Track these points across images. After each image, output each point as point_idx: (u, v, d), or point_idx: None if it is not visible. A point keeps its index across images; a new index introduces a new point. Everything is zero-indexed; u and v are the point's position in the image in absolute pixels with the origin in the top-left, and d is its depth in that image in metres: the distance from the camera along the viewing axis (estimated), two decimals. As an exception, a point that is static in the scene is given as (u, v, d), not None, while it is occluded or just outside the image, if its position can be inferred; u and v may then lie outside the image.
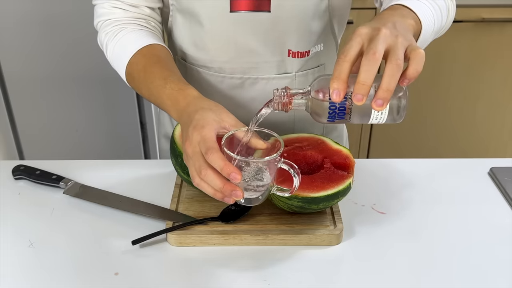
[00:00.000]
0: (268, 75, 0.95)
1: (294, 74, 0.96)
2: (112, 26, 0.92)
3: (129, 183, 0.93)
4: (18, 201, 0.89)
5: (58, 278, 0.73)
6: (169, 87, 0.80)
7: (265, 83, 0.96)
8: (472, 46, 1.93)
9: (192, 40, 0.94)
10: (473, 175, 0.95)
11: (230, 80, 0.96)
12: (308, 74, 0.98)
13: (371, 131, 2.11)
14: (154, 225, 0.82)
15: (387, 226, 0.83)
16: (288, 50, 0.93)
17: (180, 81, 0.82)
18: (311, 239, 0.78)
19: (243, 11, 0.88)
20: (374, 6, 1.82)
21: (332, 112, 0.68)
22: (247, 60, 0.93)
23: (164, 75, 0.83)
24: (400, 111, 0.68)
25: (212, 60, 0.95)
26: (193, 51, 0.95)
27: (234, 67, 0.94)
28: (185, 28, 0.94)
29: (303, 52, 0.94)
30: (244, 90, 0.97)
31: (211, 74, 0.96)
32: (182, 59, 0.99)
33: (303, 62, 0.96)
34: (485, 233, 0.81)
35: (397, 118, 0.69)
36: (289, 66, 0.95)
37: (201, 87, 0.97)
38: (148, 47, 0.89)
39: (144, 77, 0.85)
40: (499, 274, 0.74)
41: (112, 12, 0.92)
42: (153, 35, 0.92)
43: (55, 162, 0.99)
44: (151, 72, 0.84)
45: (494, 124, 2.10)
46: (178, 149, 0.83)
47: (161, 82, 0.81)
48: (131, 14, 0.92)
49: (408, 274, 0.74)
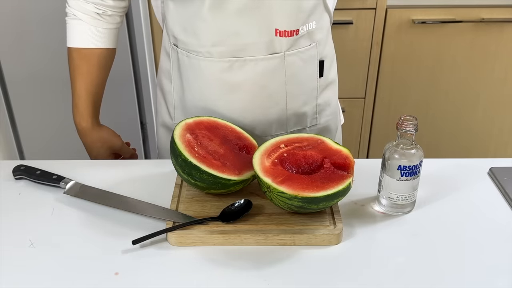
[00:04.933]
0: (256, 56, 0.94)
1: (283, 54, 0.95)
2: (75, 2, 1.00)
3: (129, 183, 0.93)
4: (18, 201, 0.89)
5: (58, 278, 0.73)
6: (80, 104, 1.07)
7: (254, 65, 0.95)
8: (472, 46, 1.93)
9: (182, 25, 0.96)
10: (473, 175, 0.95)
11: (218, 64, 0.96)
12: (299, 53, 0.97)
13: (371, 131, 2.11)
14: (154, 225, 0.82)
15: (387, 226, 0.83)
16: (275, 29, 0.92)
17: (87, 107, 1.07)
18: (311, 239, 0.78)
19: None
20: (374, 6, 1.82)
21: None
22: (234, 42, 0.93)
23: (81, 92, 1.07)
24: None
25: (201, 44, 0.95)
26: (183, 36, 0.97)
27: (222, 50, 0.94)
28: (176, 13, 0.96)
29: (291, 31, 0.93)
30: (233, 73, 0.96)
31: (201, 58, 0.96)
32: (174, 45, 1.00)
33: (292, 41, 0.95)
34: (485, 233, 0.81)
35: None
36: (277, 46, 0.94)
37: (192, 72, 0.99)
38: (85, 51, 1.03)
39: (72, 73, 1.07)
40: (499, 274, 0.74)
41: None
42: (99, 34, 1.02)
43: (55, 162, 0.99)
44: (74, 79, 1.07)
45: (494, 124, 2.10)
46: (178, 149, 0.83)
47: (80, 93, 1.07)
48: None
49: (408, 274, 0.74)
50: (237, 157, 0.87)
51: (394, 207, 0.84)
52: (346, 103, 2.01)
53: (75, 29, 1.02)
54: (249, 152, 0.90)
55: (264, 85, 0.97)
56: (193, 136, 0.87)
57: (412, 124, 0.79)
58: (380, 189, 0.85)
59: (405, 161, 0.80)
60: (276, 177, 0.78)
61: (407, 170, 0.80)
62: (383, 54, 1.93)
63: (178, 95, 1.05)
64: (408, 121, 0.79)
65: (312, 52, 0.99)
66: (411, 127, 0.79)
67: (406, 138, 0.80)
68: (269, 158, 0.82)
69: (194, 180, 0.83)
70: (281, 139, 0.87)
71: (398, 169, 0.80)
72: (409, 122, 0.79)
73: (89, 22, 1.00)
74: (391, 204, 0.84)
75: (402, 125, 0.79)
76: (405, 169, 0.80)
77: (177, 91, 1.04)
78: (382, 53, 1.92)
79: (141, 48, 1.87)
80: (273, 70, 0.96)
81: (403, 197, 0.83)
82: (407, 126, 0.79)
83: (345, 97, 2.01)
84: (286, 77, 0.97)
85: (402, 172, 0.80)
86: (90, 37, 1.02)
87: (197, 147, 0.85)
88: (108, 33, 1.03)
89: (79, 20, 1.01)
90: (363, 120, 2.08)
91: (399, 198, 0.83)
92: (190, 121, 0.90)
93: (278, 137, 0.88)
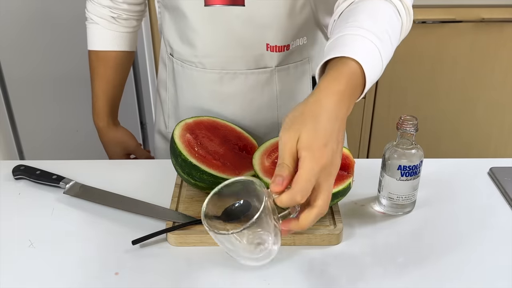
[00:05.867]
0: (246, 69, 0.95)
1: (274, 69, 0.95)
2: (92, 7, 1.03)
3: (129, 183, 0.93)
4: (18, 201, 0.89)
5: (58, 278, 0.73)
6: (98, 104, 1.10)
7: (244, 78, 0.95)
8: (472, 46, 1.93)
9: (177, 35, 0.96)
10: (473, 175, 0.95)
11: (210, 75, 0.96)
12: (290, 69, 0.97)
13: (371, 131, 2.11)
14: (154, 225, 0.82)
15: (387, 226, 0.83)
16: (266, 44, 0.92)
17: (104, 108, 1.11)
18: (311, 239, 0.78)
19: (218, 4, 0.88)
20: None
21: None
22: (225, 54, 0.93)
23: (98, 92, 1.09)
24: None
25: (194, 55, 0.95)
26: (178, 46, 0.97)
27: (213, 61, 0.95)
28: (171, 23, 0.96)
29: (282, 46, 0.93)
30: (223, 85, 0.97)
31: (194, 68, 0.97)
32: (171, 55, 1.01)
33: (283, 56, 0.94)
34: (485, 233, 0.81)
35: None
36: (268, 60, 0.94)
37: (186, 81, 1.00)
38: (102, 54, 1.05)
39: (91, 75, 1.08)
40: (499, 274, 0.73)
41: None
42: (114, 37, 1.04)
43: (55, 162, 0.99)
44: (93, 80, 1.08)
45: (494, 124, 2.10)
46: (178, 149, 0.83)
47: (98, 93, 1.09)
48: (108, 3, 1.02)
49: (408, 274, 0.74)
50: (237, 157, 0.87)
51: (394, 207, 0.84)
52: (346, 103, 2.01)
53: (92, 33, 1.05)
54: (249, 152, 0.90)
55: (254, 99, 0.98)
56: (193, 136, 0.87)
57: (412, 124, 0.79)
58: (380, 189, 0.85)
59: (405, 161, 0.80)
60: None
61: (407, 170, 0.80)
62: (383, 54, 1.92)
63: (172, 104, 1.06)
64: (408, 121, 0.79)
65: (304, 68, 0.99)
66: (411, 127, 0.79)
67: (406, 138, 0.80)
68: (269, 158, 0.82)
69: (194, 180, 0.83)
70: (281, 139, 0.87)
71: (398, 169, 0.80)
72: (409, 122, 0.79)
73: (105, 25, 1.03)
74: (391, 204, 0.84)
75: (402, 125, 0.79)
76: (405, 169, 0.80)
77: (172, 100, 1.06)
78: (382, 53, 1.92)
79: (141, 49, 1.87)
80: (263, 84, 0.96)
81: (403, 197, 0.83)
82: (407, 126, 0.79)
83: (345, 97, 2.01)
84: (277, 91, 0.98)
85: (402, 172, 0.80)
86: (106, 40, 1.04)
87: (197, 147, 0.85)
88: (124, 36, 1.05)
89: (96, 24, 1.03)
90: (363, 120, 2.08)
91: (399, 198, 0.83)
92: (190, 121, 0.90)
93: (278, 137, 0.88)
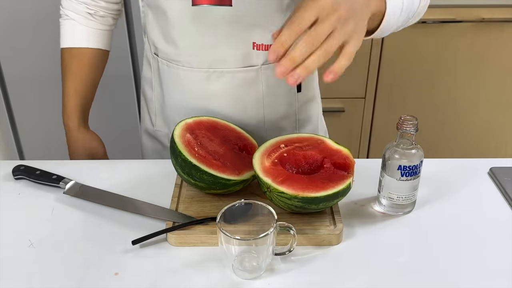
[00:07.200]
0: (233, 68, 0.95)
1: (260, 67, 0.96)
2: (68, 3, 1.02)
3: (129, 183, 0.93)
4: (18, 201, 0.89)
5: (58, 278, 0.73)
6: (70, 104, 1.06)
7: (232, 77, 0.96)
8: (472, 46, 1.93)
9: (162, 34, 0.96)
10: (473, 175, 0.95)
11: (197, 74, 0.96)
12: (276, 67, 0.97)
13: (371, 131, 2.11)
14: (154, 225, 0.82)
15: (387, 226, 0.83)
16: (252, 43, 0.93)
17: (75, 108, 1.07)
18: (311, 239, 0.78)
19: (205, 4, 0.89)
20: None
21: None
22: (212, 53, 0.94)
23: (70, 90, 1.06)
24: None
25: (180, 54, 0.96)
26: (163, 45, 0.97)
27: (200, 61, 0.95)
28: (155, 22, 0.96)
29: (268, 45, 0.93)
30: (211, 83, 0.97)
31: (180, 67, 0.97)
32: (155, 54, 1.01)
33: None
34: (485, 233, 0.81)
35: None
36: (254, 59, 0.95)
37: (171, 80, 1.00)
38: (77, 51, 1.03)
39: (62, 73, 1.05)
40: (499, 274, 0.73)
41: None
42: (90, 34, 1.03)
43: (55, 162, 0.99)
44: (64, 78, 1.05)
45: (494, 124, 2.10)
46: (178, 149, 0.83)
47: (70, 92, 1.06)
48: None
49: (409, 274, 0.74)
50: (237, 157, 0.87)
51: (394, 207, 0.84)
52: (346, 103, 2.02)
53: (66, 30, 1.03)
54: (249, 152, 0.90)
55: (241, 97, 0.98)
56: (193, 136, 0.87)
57: (412, 124, 0.79)
58: (380, 189, 0.85)
59: (405, 161, 0.80)
60: (276, 177, 0.78)
61: (407, 170, 0.80)
62: (383, 54, 1.93)
63: (159, 103, 1.06)
64: (408, 121, 0.79)
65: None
66: (411, 127, 0.79)
67: (406, 138, 0.80)
68: (269, 158, 0.82)
69: (194, 180, 0.83)
70: (281, 139, 0.87)
71: (398, 169, 0.80)
72: (409, 122, 0.79)
73: (81, 22, 1.02)
74: (391, 204, 0.84)
75: (402, 125, 0.79)
76: (405, 169, 0.80)
77: (158, 98, 1.05)
78: (382, 53, 1.93)
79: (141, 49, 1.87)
80: (250, 82, 0.97)
81: (403, 197, 0.83)
82: (407, 126, 0.79)
83: (345, 97, 2.01)
84: (263, 90, 0.98)
85: (402, 172, 0.80)
86: (81, 37, 1.03)
87: (197, 147, 0.85)
88: (99, 34, 1.04)
89: (72, 20, 1.02)
90: (363, 120, 2.08)
91: (399, 198, 0.83)
92: (190, 121, 0.90)
93: (278, 137, 0.88)
